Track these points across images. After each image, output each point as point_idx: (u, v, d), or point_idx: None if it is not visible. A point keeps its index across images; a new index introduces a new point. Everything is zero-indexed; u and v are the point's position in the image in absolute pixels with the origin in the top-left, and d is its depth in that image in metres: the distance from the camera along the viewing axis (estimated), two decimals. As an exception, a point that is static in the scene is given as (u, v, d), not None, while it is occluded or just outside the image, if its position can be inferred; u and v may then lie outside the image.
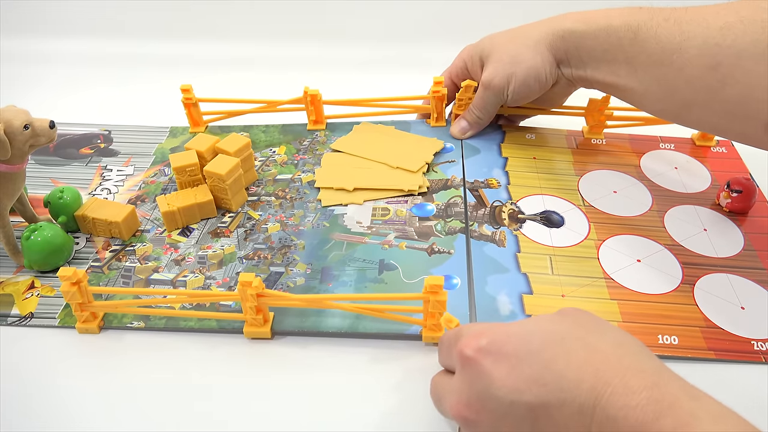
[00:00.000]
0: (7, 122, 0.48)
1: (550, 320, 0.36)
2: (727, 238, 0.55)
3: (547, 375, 0.33)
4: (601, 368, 0.32)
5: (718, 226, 0.56)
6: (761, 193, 0.59)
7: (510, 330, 0.36)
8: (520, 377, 0.33)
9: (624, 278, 0.51)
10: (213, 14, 0.86)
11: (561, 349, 0.34)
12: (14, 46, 0.87)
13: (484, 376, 0.34)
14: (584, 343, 0.34)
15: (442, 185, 0.60)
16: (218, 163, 0.57)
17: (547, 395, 0.32)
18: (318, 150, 0.66)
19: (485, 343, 0.35)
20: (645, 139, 0.66)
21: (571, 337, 0.34)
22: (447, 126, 0.67)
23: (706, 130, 0.53)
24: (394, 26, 0.85)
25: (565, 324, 0.35)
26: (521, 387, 0.33)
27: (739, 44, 0.43)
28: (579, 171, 0.62)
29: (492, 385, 0.34)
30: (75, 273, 0.46)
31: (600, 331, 0.35)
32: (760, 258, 0.53)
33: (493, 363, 0.34)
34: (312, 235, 0.56)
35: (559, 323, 0.36)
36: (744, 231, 0.55)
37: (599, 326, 0.35)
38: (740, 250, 0.53)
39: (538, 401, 0.33)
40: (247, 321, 0.48)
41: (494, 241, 0.54)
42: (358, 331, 0.47)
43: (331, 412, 0.43)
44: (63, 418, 0.43)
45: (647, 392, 0.30)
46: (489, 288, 0.50)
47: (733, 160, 0.63)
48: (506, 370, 0.34)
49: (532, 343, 0.34)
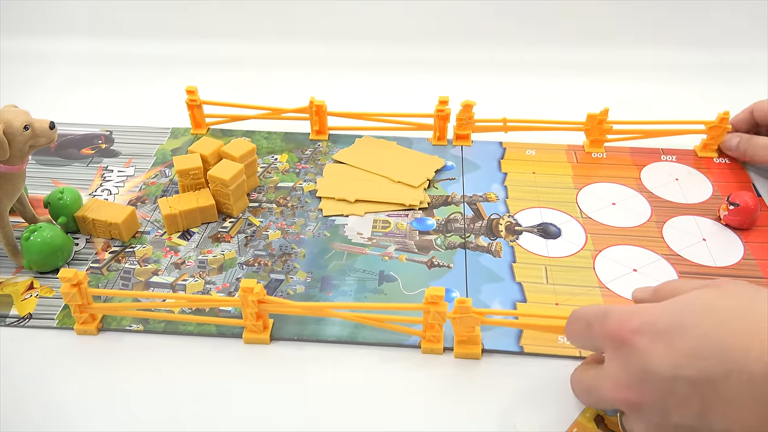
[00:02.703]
0: (6, 123, 0.48)
1: (698, 294, 0.36)
2: (727, 247, 0.55)
3: (706, 348, 0.32)
4: (765, 334, 0.31)
5: (718, 237, 0.56)
6: (764, 203, 0.59)
7: (659, 309, 0.35)
8: (679, 353, 0.33)
9: (619, 287, 0.52)
10: (213, 14, 0.86)
11: (716, 321, 0.33)
12: (14, 46, 0.86)
13: (641, 355, 0.34)
14: (739, 312, 0.33)
15: (443, 201, 0.60)
16: (222, 167, 0.57)
17: (710, 368, 0.32)
18: (320, 160, 0.66)
19: (637, 323, 0.35)
20: (646, 152, 0.67)
21: (723, 308, 0.34)
22: (448, 145, 0.68)
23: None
24: (401, 27, 0.85)
25: (713, 296, 0.35)
26: (681, 362, 0.32)
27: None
28: (578, 184, 0.62)
29: (650, 363, 0.33)
30: (75, 274, 0.46)
31: (752, 298, 0.34)
32: (760, 267, 0.53)
33: (649, 342, 0.34)
34: (313, 243, 0.56)
35: (709, 295, 0.35)
36: (744, 240, 0.56)
37: (750, 294, 0.35)
38: (740, 259, 0.54)
39: (700, 375, 0.32)
40: (247, 327, 0.48)
41: (490, 252, 0.55)
42: (357, 340, 0.48)
43: (329, 415, 0.43)
44: (61, 419, 0.43)
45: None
46: (483, 296, 0.51)
47: (736, 170, 0.64)
48: (663, 348, 0.33)
49: (685, 318, 0.34)
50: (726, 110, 0.63)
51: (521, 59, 0.83)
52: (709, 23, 0.81)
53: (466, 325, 0.45)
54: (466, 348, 0.47)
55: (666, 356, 0.33)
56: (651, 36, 0.82)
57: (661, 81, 0.78)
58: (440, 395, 0.44)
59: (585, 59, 0.82)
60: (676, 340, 0.33)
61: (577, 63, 0.82)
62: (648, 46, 0.82)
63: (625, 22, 0.82)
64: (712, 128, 0.64)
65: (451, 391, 0.45)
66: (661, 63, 0.81)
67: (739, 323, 0.32)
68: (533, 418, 0.43)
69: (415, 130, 0.69)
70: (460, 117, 0.66)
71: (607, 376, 0.36)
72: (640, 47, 0.82)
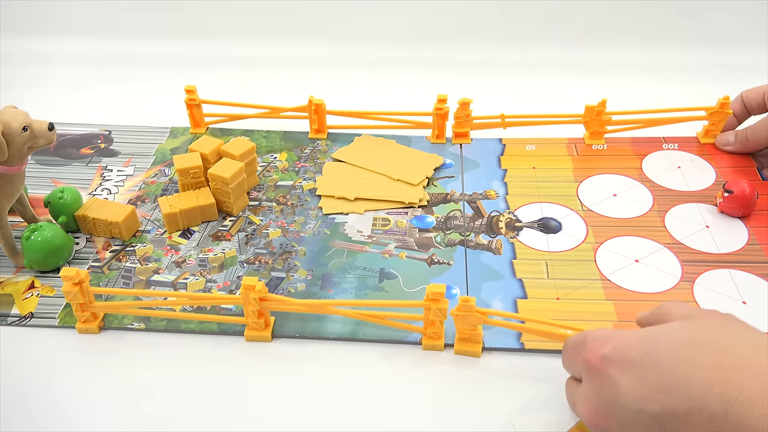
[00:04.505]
0: (5, 124, 0.48)
1: (679, 325, 0.36)
2: (731, 233, 0.55)
3: (671, 382, 0.32)
4: (732, 372, 0.31)
5: (721, 223, 0.56)
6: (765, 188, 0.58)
7: (636, 336, 0.35)
8: (645, 385, 0.33)
9: (621, 279, 0.52)
10: (213, 14, 0.86)
11: (687, 355, 0.32)
12: (14, 46, 0.86)
13: (609, 384, 0.34)
14: (714, 347, 0.32)
15: (442, 199, 0.61)
16: (222, 166, 0.57)
17: (673, 403, 0.32)
18: (319, 159, 0.66)
19: (609, 350, 0.35)
20: (648, 141, 0.66)
21: (700, 342, 0.33)
22: (447, 143, 0.68)
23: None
24: (400, 27, 0.85)
25: (694, 328, 0.35)
26: (646, 395, 0.33)
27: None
28: (579, 177, 0.62)
29: (617, 394, 0.34)
30: (77, 273, 0.46)
31: (733, 332, 0.34)
32: (765, 252, 0.53)
33: (618, 371, 0.34)
34: (313, 242, 0.56)
35: (688, 327, 0.35)
36: (748, 225, 0.55)
37: (733, 327, 0.34)
38: (744, 244, 0.54)
39: (663, 410, 0.32)
40: (249, 325, 0.48)
41: (490, 250, 0.55)
42: (359, 337, 0.48)
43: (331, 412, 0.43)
44: (62, 418, 0.43)
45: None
46: (483, 294, 0.51)
47: (740, 155, 0.63)
48: (631, 378, 0.33)
49: (657, 349, 0.34)
50: (726, 95, 0.63)
51: (521, 59, 0.83)
52: (709, 23, 0.81)
53: (468, 324, 0.45)
54: (466, 345, 0.47)
55: (632, 388, 0.33)
56: (651, 36, 0.82)
57: (661, 81, 0.78)
58: (441, 392, 0.45)
59: (585, 59, 0.82)
60: (644, 370, 0.33)
61: (577, 63, 0.82)
62: (648, 46, 0.82)
63: (625, 21, 0.82)
64: (713, 114, 0.64)
65: (452, 388, 0.45)
66: (661, 63, 0.81)
67: (708, 358, 0.32)
68: (533, 416, 0.43)
69: (414, 129, 0.69)
70: (457, 115, 0.66)
71: (582, 398, 0.37)
72: (641, 47, 0.82)
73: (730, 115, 0.63)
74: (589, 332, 0.38)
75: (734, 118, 0.64)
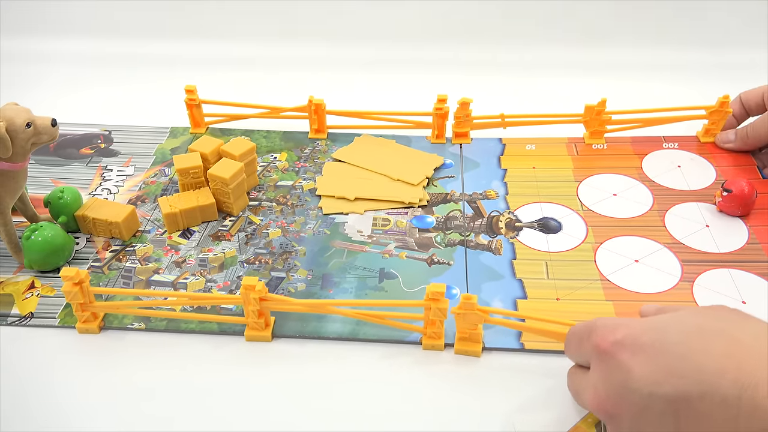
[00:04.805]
0: (9, 120, 0.48)
1: (689, 313, 0.36)
2: (731, 232, 0.55)
3: (685, 367, 0.32)
4: (745, 359, 0.31)
5: (721, 222, 0.56)
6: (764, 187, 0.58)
7: (646, 323, 0.36)
8: (658, 369, 0.33)
9: (620, 279, 0.52)
10: (213, 14, 0.86)
11: (699, 341, 0.33)
12: (14, 46, 0.86)
13: (621, 369, 0.34)
14: (724, 335, 0.33)
15: (442, 199, 0.61)
16: (222, 166, 0.57)
17: (686, 387, 0.32)
18: (319, 159, 0.66)
19: (621, 336, 0.35)
20: (648, 141, 0.66)
21: (710, 329, 0.34)
22: (447, 143, 0.68)
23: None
24: (400, 27, 0.85)
25: (703, 316, 0.35)
26: (659, 379, 0.33)
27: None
28: (579, 177, 0.62)
29: (629, 378, 0.34)
30: (77, 273, 0.46)
31: (742, 323, 0.34)
32: (765, 251, 0.53)
33: (631, 356, 0.34)
34: (313, 241, 0.56)
35: (698, 317, 0.35)
36: (748, 224, 0.55)
37: (741, 319, 0.35)
38: (744, 243, 0.54)
39: (677, 393, 0.32)
40: (249, 325, 0.48)
41: (490, 250, 0.55)
42: (359, 337, 0.48)
43: (331, 412, 0.43)
44: (62, 418, 0.43)
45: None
46: (483, 294, 0.51)
47: (740, 153, 0.64)
48: (643, 362, 0.33)
49: (669, 335, 0.34)
50: (726, 94, 0.63)
51: (521, 59, 0.83)
52: (709, 23, 0.81)
53: (469, 322, 0.45)
54: (466, 345, 0.47)
55: (645, 372, 0.33)
56: (651, 35, 0.82)
57: (660, 80, 0.78)
58: (441, 392, 0.45)
59: (585, 59, 0.82)
60: (657, 355, 0.34)
61: (576, 63, 0.82)
62: (648, 46, 0.82)
63: (625, 21, 0.82)
64: (713, 113, 0.64)
65: (453, 388, 0.45)
66: (660, 62, 0.81)
67: (720, 346, 0.32)
68: (533, 416, 0.43)
69: (414, 129, 0.69)
70: (457, 115, 0.66)
71: (589, 386, 0.37)
72: (640, 47, 0.82)
73: (730, 113, 0.63)
74: (597, 319, 0.38)
75: (733, 118, 0.64)
